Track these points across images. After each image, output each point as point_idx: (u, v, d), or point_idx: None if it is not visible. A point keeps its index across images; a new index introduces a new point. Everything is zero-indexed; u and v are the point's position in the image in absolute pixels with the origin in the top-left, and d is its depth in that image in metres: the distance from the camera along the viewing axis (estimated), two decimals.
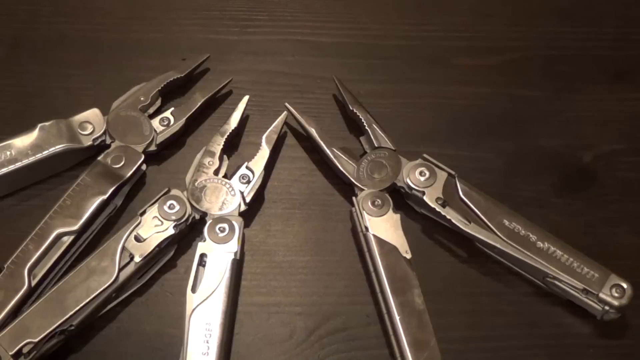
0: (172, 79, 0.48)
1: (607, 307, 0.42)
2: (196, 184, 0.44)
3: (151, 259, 0.43)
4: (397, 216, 0.44)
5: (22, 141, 0.44)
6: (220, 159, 0.45)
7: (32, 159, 0.44)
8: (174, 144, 0.47)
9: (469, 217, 0.44)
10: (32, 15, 0.51)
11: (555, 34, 0.52)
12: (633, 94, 0.50)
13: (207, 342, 0.40)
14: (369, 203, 0.44)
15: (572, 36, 0.52)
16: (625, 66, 0.51)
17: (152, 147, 0.46)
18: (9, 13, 0.51)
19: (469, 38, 0.52)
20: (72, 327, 0.40)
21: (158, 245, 0.43)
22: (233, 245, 0.43)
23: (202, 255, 0.42)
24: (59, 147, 0.45)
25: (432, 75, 0.50)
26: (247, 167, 0.45)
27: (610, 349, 0.43)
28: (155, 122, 0.47)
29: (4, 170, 0.44)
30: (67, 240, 0.43)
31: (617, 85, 0.50)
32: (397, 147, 0.46)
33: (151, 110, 0.47)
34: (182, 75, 0.48)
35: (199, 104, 0.47)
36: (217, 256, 0.42)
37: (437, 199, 0.44)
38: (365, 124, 0.47)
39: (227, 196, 0.44)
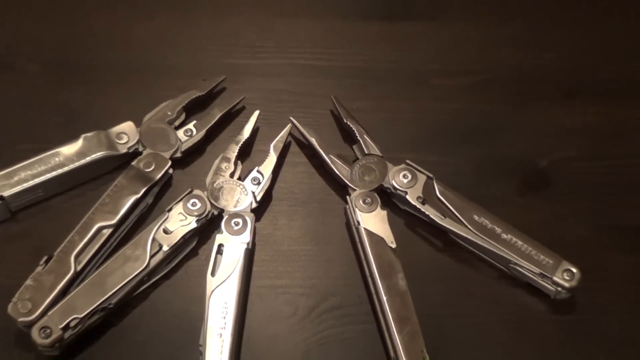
0: (194, 97, 0.48)
1: (559, 289, 0.42)
2: (215, 185, 0.45)
3: (177, 248, 0.43)
4: (384, 212, 0.44)
5: (69, 149, 0.45)
6: (235, 164, 0.46)
7: (76, 164, 0.45)
8: (196, 151, 0.48)
9: (444, 213, 0.44)
10: (78, 43, 0.51)
11: (516, 59, 0.52)
12: (581, 109, 0.50)
13: (224, 318, 0.40)
14: (361, 201, 0.44)
15: (531, 61, 0.52)
16: (574, 87, 0.51)
17: (178, 154, 0.46)
18: (58, 41, 0.51)
19: (445, 63, 0.52)
20: (111, 305, 0.41)
21: (183, 237, 0.43)
22: (246, 237, 0.43)
23: (220, 245, 0.43)
24: (99, 154, 0.45)
25: (414, 94, 0.51)
26: (257, 171, 0.45)
27: (562, 323, 0.43)
28: (180, 133, 0.47)
29: (54, 173, 0.44)
30: (107, 232, 0.43)
31: (568, 102, 0.50)
32: (384, 153, 0.46)
33: (177, 123, 0.47)
34: (203, 93, 0.48)
35: (217, 117, 0.48)
36: (232, 246, 0.43)
37: (418, 197, 0.45)
38: (357, 134, 0.47)
39: (240, 195, 0.45)
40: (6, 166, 0.44)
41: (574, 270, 0.42)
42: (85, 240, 0.42)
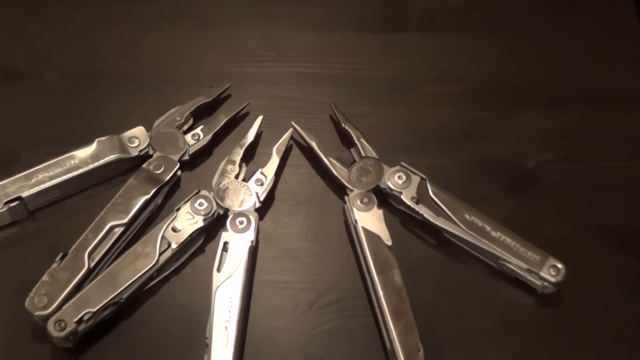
0: (201, 103, 0.47)
1: (546, 283, 0.42)
2: (220, 186, 0.44)
3: (185, 245, 0.42)
4: (380, 211, 0.43)
5: (84, 152, 0.44)
6: (240, 166, 0.45)
7: (91, 166, 0.44)
8: (203, 154, 0.47)
9: (437, 212, 0.43)
10: (93, 53, 0.50)
11: (503, 69, 0.51)
12: (563, 114, 0.49)
13: (230, 312, 0.40)
14: (358, 201, 0.44)
15: (515, 70, 0.51)
16: (557, 93, 0.50)
17: (186, 157, 0.46)
18: (75, 52, 0.50)
19: (436, 72, 0.51)
20: (122, 300, 0.40)
21: (190, 235, 0.42)
22: (250, 235, 0.42)
23: (226, 243, 0.42)
24: (112, 157, 0.44)
25: (408, 100, 0.50)
26: (261, 173, 0.45)
27: (548, 316, 0.43)
28: (188, 137, 0.46)
29: (70, 175, 0.44)
30: (119, 230, 0.42)
31: (551, 108, 0.49)
32: (380, 156, 0.45)
33: (185, 128, 0.46)
34: (210, 100, 0.48)
35: (223, 122, 0.47)
36: (237, 243, 0.42)
37: (412, 197, 0.44)
38: (354, 138, 0.46)
39: (245, 196, 0.44)
40: (25, 168, 0.43)
41: (560, 266, 0.41)
42: (99, 238, 0.42)
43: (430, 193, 0.44)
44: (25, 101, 0.48)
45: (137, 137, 0.45)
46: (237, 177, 0.44)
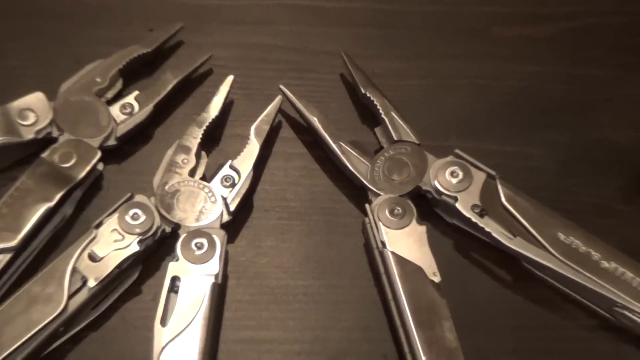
0: (136, 55, 0.49)
1: None
2: (167, 187, 0.45)
3: (110, 283, 0.43)
4: (423, 228, 0.44)
5: None
6: (198, 157, 0.46)
7: None
8: (139, 137, 0.48)
9: (513, 229, 0.44)
10: None
11: None
12: None
13: None
14: (387, 212, 0.44)
15: None
16: None
17: (111, 141, 0.47)
18: None
19: (513, 2, 0.52)
20: None
21: (118, 266, 0.43)
22: (213, 266, 0.43)
23: (174, 279, 0.43)
24: None
25: (467, 50, 0.51)
26: (231, 167, 0.46)
27: None
28: (115, 110, 0.47)
29: None
30: (3, 259, 0.43)
31: None
32: (422, 140, 0.46)
33: (110, 95, 0.48)
34: (150, 50, 0.49)
35: (171, 86, 0.48)
36: (193, 280, 0.43)
37: (474, 206, 0.45)
38: (381, 111, 0.47)
39: (205, 203, 0.45)
40: None
41: None
42: None
43: (503, 199, 0.44)
44: None
45: (32, 109, 0.46)
46: (193, 173, 0.45)
